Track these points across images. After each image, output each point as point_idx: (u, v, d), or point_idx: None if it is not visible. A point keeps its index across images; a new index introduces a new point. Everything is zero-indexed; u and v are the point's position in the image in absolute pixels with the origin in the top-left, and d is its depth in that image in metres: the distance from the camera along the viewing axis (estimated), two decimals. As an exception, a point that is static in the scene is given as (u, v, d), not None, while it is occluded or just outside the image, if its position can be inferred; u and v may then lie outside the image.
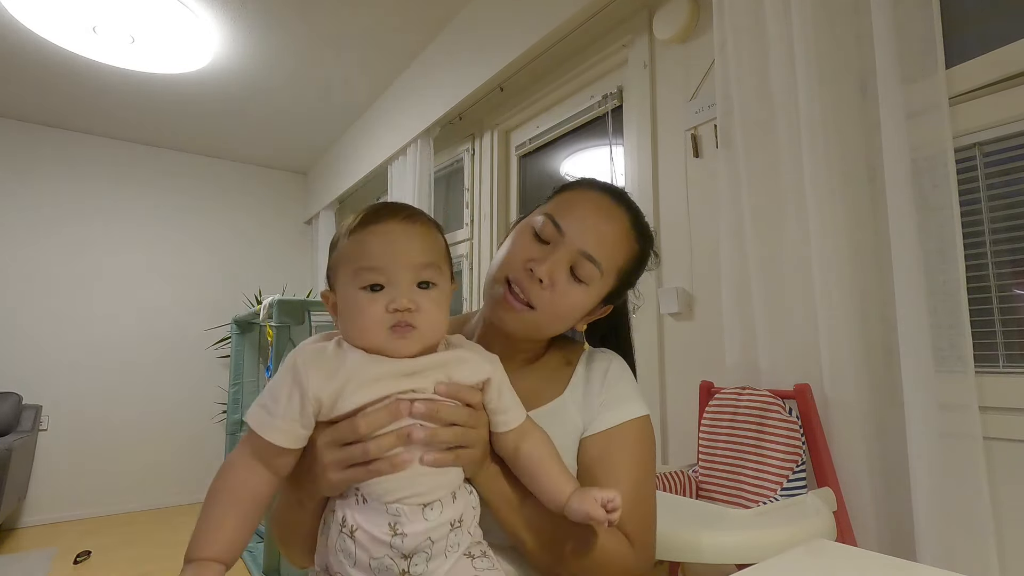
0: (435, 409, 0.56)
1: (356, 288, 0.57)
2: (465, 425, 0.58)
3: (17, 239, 3.51)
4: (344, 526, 0.54)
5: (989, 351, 1.09)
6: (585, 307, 0.71)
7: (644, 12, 1.83)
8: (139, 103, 3.31)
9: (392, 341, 0.56)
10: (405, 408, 0.55)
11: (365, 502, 0.55)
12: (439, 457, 0.56)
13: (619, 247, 0.72)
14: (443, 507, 0.56)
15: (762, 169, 1.30)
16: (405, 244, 0.58)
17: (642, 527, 0.67)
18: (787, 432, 1.13)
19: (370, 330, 0.56)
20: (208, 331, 3.99)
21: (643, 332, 1.75)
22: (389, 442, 0.54)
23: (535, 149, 2.47)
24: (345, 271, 0.58)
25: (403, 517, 0.53)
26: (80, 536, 3.18)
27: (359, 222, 0.59)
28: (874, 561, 0.60)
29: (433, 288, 0.59)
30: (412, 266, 0.57)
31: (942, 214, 1.04)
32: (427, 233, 0.60)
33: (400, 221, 0.59)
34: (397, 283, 0.57)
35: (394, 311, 0.55)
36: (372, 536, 0.53)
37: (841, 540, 1.05)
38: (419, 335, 0.57)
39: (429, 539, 0.54)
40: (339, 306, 0.59)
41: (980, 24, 1.14)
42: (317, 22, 2.53)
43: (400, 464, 0.54)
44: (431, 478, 0.56)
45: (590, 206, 0.72)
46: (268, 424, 0.53)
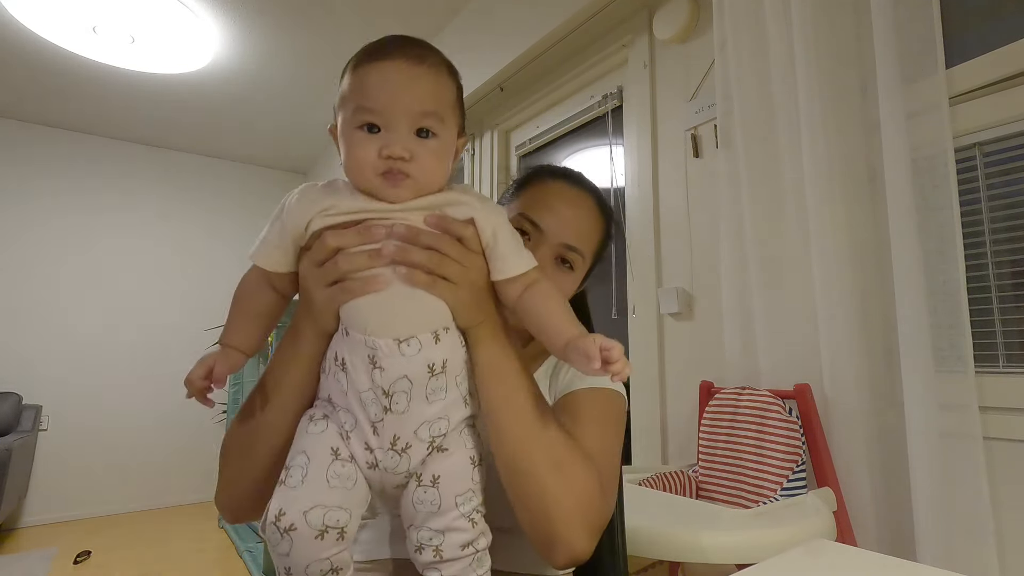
0: (415, 232, 0.54)
1: (353, 127, 0.54)
2: (449, 256, 0.55)
3: (17, 239, 3.51)
4: (336, 359, 0.56)
5: (989, 351, 1.09)
6: (572, 290, 0.76)
7: (644, 12, 1.83)
8: (139, 103, 3.31)
9: (383, 187, 0.54)
10: (378, 230, 0.53)
11: (347, 335, 0.55)
12: (413, 274, 0.53)
13: (592, 231, 0.76)
14: (421, 346, 0.54)
15: (762, 169, 1.30)
16: (407, 86, 0.53)
17: (609, 474, 0.64)
18: (787, 432, 1.13)
19: (362, 172, 0.54)
20: (208, 331, 3.99)
21: (643, 332, 1.75)
22: (361, 260, 0.53)
23: (535, 149, 2.47)
24: (345, 107, 0.55)
25: (379, 351, 0.53)
26: (80, 536, 3.18)
27: (364, 55, 0.55)
28: (874, 561, 0.60)
29: (433, 138, 0.55)
30: (411, 112, 0.53)
31: (942, 214, 1.04)
32: (435, 78, 0.56)
33: (406, 60, 0.54)
34: (394, 128, 0.53)
35: (387, 157, 0.52)
36: (356, 368, 0.54)
37: (841, 540, 1.05)
38: (412, 183, 0.54)
39: (407, 378, 0.54)
40: (339, 143, 0.57)
41: (980, 24, 1.14)
42: (317, 22, 2.53)
43: (372, 283, 0.53)
44: (410, 307, 0.54)
45: (559, 197, 0.75)
46: (256, 250, 0.58)
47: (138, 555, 2.90)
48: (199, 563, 2.79)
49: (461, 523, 0.55)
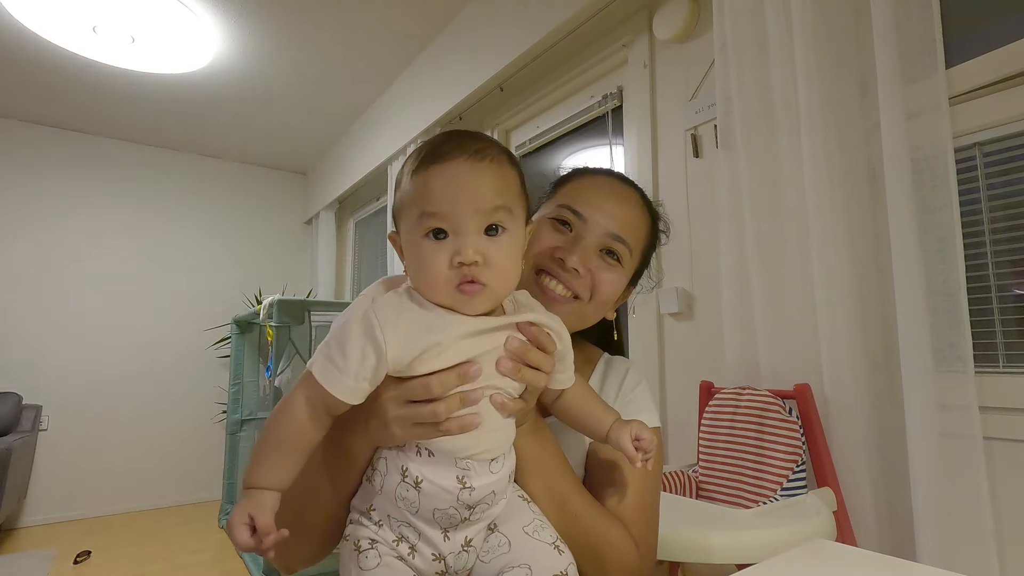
0: (527, 349, 0.55)
1: (419, 235, 0.53)
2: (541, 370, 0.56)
3: (17, 238, 3.51)
4: (407, 476, 0.53)
5: (989, 351, 1.09)
6: (620, 289, 0.72)
7: (644, 12, 1.83)
8: (139, 103, 3.31)
9: (460, 301, 0.53)
10: (476, 371, 0.53)
11: (432, 455, 0.54)
12: (507, 403, 0.55)
13: (640, 226, 0.73)
14: (505, 459, 0.56)
15: (762, 169, 1.30)
16: (471, 186, 0.52)
17: (646, 531, 0.67)
18: (787, 432, 1.13)
19: (437, 288, 0.52)
20: (208, 331, 3.99)
21: (643, 332, 1.75)
22: (455, 404, 0.52)
23: (535, 149, 2.47)
24: (409, 214, 0.54)
25: (472, 471, 0.53)
26: (80, 536, 3.18)
27: (422, 159, 0.54)
28: (874, 561, 0.60)
29: (503, 234, 0.53)
30: (479, 211, 0.52)
31: (942, 214, 1.04)
32: (498, 171, 0.54)
33: (467, 159, 0.53)
34: (462, 231, 0.52)
35: (459, 264, 0.51)
36: (441, 487, 0.52)
37: (841, 540, 1.05)
38: (488, 293, 0.53)
39: (493, 492, 0.55)
40: (404, 251, 0.56)
41: (980, 24, 1.14)
42: (317, 22, 2.53)
43: (469, 425, 0.53)
44: (497, 435, 0.56)
45: (603, 190, 0.72)
46: (336, 380, 0.51)
47: (138, 555, 2.90)
48: (199, 563, 2.79)
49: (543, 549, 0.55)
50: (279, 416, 0.53)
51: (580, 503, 0.63)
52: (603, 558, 0.62)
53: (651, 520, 0.69)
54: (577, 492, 0.63)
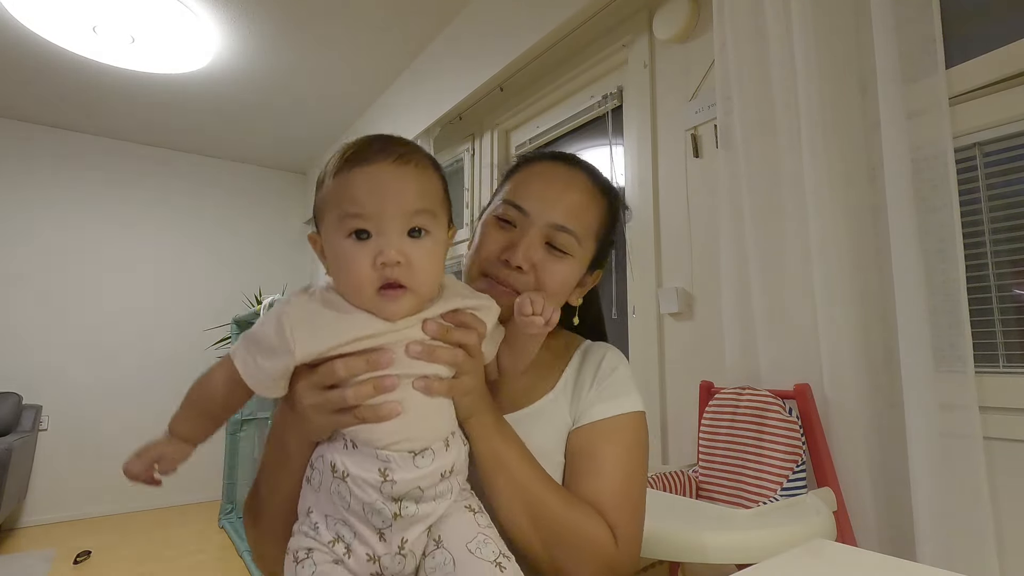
0: (446, 329, 0.55)
1: (342, 235, 0.53)
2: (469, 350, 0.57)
3: (17, 238, 3.51)
4: (336, 470, 0.53)
5: (989, 351, 1.08)
6: (572, 280, 0.71)
7: (644, 12, 1.83)
8: (139, 103, 3.31)
9: (381, 304, 0.53)
10: (387, 359, 0.52)
11: (355, 447, 0.53)
12: (431, 383, 0.54)
13: (588, 210, 0.70)
14: (435, 455, 0.54)
15: (762, 169, 1.30)
16: (395, 188, 0.52)
17: (628, 520, 0.65)
18: (787, 432, 1.12)
19: (359, 290, 0.52)
20: (208, 331, 3.99)
21: (643, 332, 1.75)
22: (367, 391, 0.52)
23: (535, 149, 2.47)
24: (331, 215, 0.54)
25: (393, 463, 0.52)
26: (80, 536, 3.18)
27: (346, 160, 0.54)
28: (874, 561, 0.60)
29: (426, 236, 0.54)
30: (402, 213, 0.52)
31: (942, 214, 1.04)
32: (421, 175, 0.55)
33: (392, 162, 0.53)
34: (385, 232, 0.52)
35: (382, 265, 0.51)
36: (364, 480, 0.52)
37: (841, 540, 1.05)
38: (409, 297, 0.53)
39: (419, 487, 0.53)
40: (326, 252, 0.56)
41: (980, 24, 1.14)
42: (317, 22, 2.53)
43: (386, 412, 0.52)
44: (425, 418, 0.54)
45: (545, 178, 0.71)
46: (251, 373, 0.54)
47: (138, 555, 2.90)
48: (199, 563, 2.79)
49: (484, 568, 0.53)
50: (202, 384, 0.58)
51: (548, 497, 0.61)
52: (577, 549, 0.61)
53: (633, 507, 0.66)
54: (544, 486, 0.62)
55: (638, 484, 0.68)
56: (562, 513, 0.61)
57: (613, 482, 0.65)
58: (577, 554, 0.60)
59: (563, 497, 0.62)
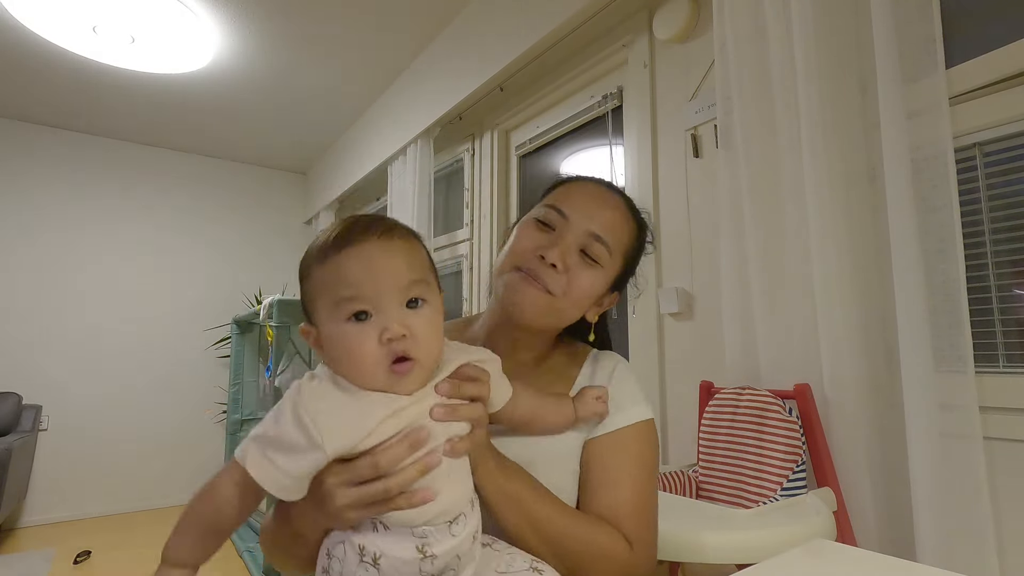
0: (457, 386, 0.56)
1: (341, 321, 0.52)
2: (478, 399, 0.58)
3: (17, 238, 3.51)
4: (364, 555, 0.51)
5: (989, 351, 1.08)
6: (597, 290, 0.73)
7: (644, 12, 1.83)
8: (139, 103, 3.31)
9: (394, 381, 0.52)
10: (426, 435, 0.52)
11: (387, 529, 0.52)
12: (456, 445, 0.54)
13: (622, 229, 0.74)
14: (466, 519, 0.54)
15: (762, 169, 1.30)
16: (387, 264, 0.53)
17: (643, 529, 0.67)
18: (787, 432, 1.12)
19: (369, 371, 0.51)
20: (208, 331, 3.99)
21: (643, 332, 1.75)
22: (411, 475, 0.50)
23: (535, 149, 2.47)
24: (324, 302, 0.53)
25: (431, 538, 0.51)
26: (80, 536, 3.18)
27: (332, 245, 0.53)
28: (874, 561, 0.60)
29: (424, 306, 0.54)
30: (399, 286, 0.53)
31: (942, 214, 1.04)
32: (409, 247, 0.56)
33: (378, 239, 0.53)
34: (385, 308, 0.52)
35: (388, 341, 0.51)
36: (401, 560, 0.50)
37: (841, 540, 1.05)
38: (418, 369, 0.53)
39: (457, 556, 0.52)
40: (324, 342, 0.54)
41: (980, 24, 1.13)
42: (317, 22, 2.53)
43: (420, 500, 0.51)
44: (453, 494, 0.54)
45: (588, 194, 0.74)
46: (270, 477, 0.49)
47: (138, 555, 2.89)
48: (199, 563, 2.79)
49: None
50: (206, 497, 0.53)
51: (559, 522, 0.62)
52: (595, 564, 0.62)
53: (647, 517, 0.68)
54: (553, 511, 0.63)
55: (651, 493, 0.70)
56: (576, 532, 0.62)
57: (628, 493, 0.67)
58: (596, 568, 0.62)
59: (574, 516, 0.64)
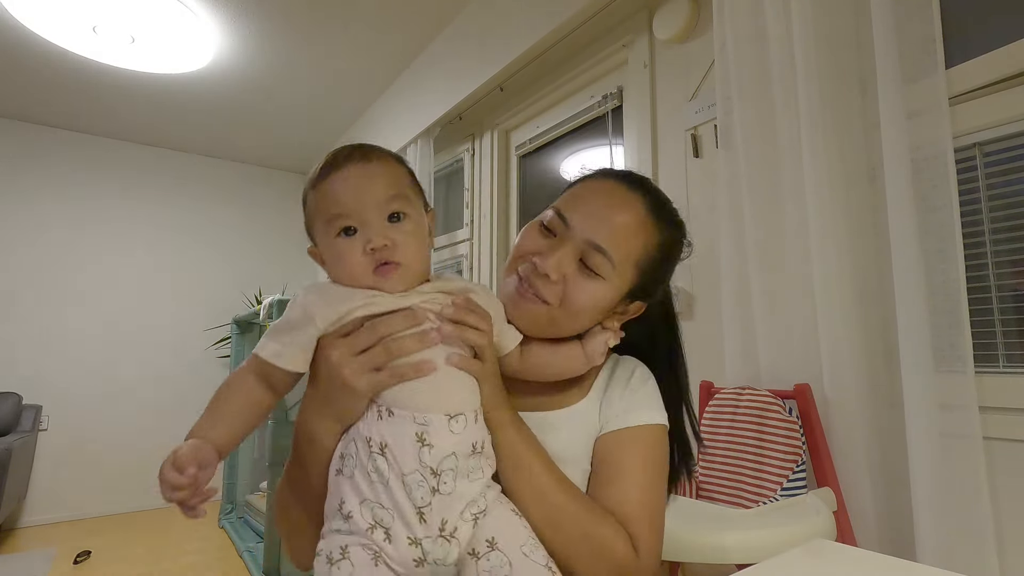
0: (464, 311, 0.59)
1: (332, 237, 0.59)
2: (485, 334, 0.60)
3: (17, 238, 3.51)
4: (372, 444, 0.54)
5: (989, 351, 1.08)
6: (601, 303, 0.67)
7: (644, 12, 1.83)
8: (139, 103, 3.31)
9: (379, 281, 0.58)
10: (422, 314, 0.57)
11: (391, 415, 0.55)
12: (464, 359, 0.58)
13: (633, 237, 0.67)
14: (467, 423, 0.57)
15: (762, 169, 1.30)
16: (367, 182, 0.59)
17: (647, 530, 0.65)
18: (787, 432, 1.13)
19: (356, 275, 0.58)
20: (208, 331, 3.99)
21: (643, 332, 1.75)
22: (411, 344, 0.56)
23: (535, 149, 2.47)
24: (319, 223, 0.60)
25: (431, 427, 0.54)
26: (80, 536, 3.18)
27: (320, 172, 0.61)
28: (874, 561, 0.60)
29: (406, 219, 0.60)
30: (378, 202, 0.58)
31: (942, 214, 1.04)
32: (386, 167, 0.61)
33: (357, 162, 0.60)
34: (368, 222, 0.58)
35: (371, 251, 0.57)
36: (402, 448, 0.54)
37: (841, 540, 1.05)
38: (403, 270, 0.59)
39: (454, 454, 0.55)
40: (325, 259, 0.61)
41: (980, 24, 1.14)
42: (317, 22, 2.53)
43: (425, 367, 0.56)
44: (456, 385, 0.58)
45: (600, 196, 0.68)
46: (276, 352, 0.56)
47: (138, 555, 2.90)
48: (199, 563, 2.79)
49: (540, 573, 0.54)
50: (230, 382, 0.58)
51: (569, 503, 0.62)
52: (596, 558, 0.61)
53: (652, 518, 0.67)
54: (560, 487, 0.63)
55: (659, 495, 0.68)
56: (583, 519, 0.61)
57: (635, 492, 0.65)
58: (595, 562, 0.61)
59: (584, 503, 0.63)
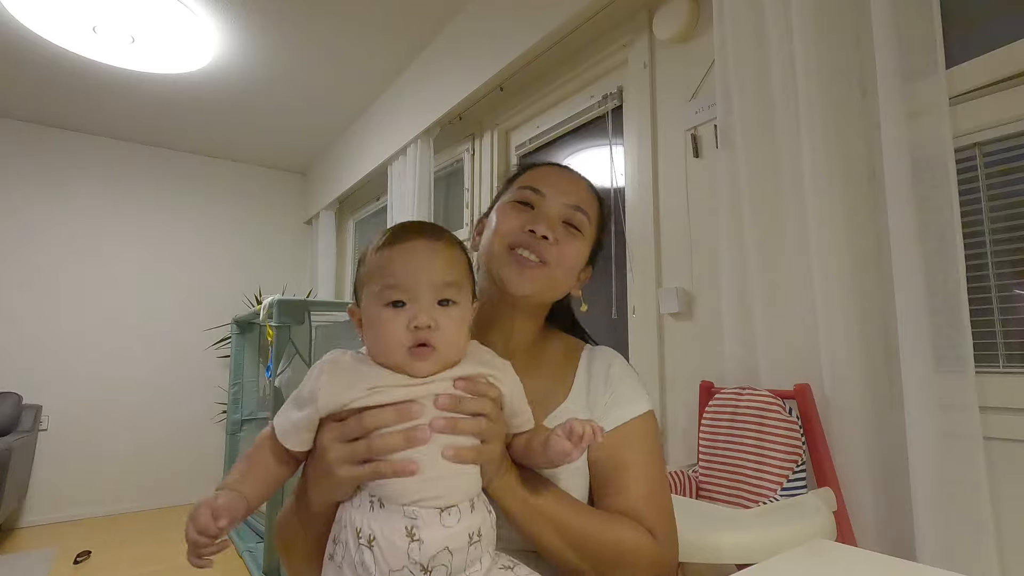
0: (458, 400, 0.57)
1: (380, 305, 0.58)
2: (488, 417, 0.58)
3: (17, 238, 3.51)
4: (360, 536, 0.52)
5: (989, 351, 1.08)
6: (581, 260, 0.76)
7: (644, 12, 1.83)
8: (139, 103, 3.31)
9: (411, 361, 0.57)
10: (417, 409, 0.55)
11: (381, 506, 0.53)
12: (461, 451, 0.56)
13: (593, 202, 0.78)
14: (461, 514, 0.54)
15: (762, 169, 1.30)
16: (428, 261, 0.59)
17: (662, 519, 0.68)
18: (787, 432, 1.13)
19: (391, 348, 0.57)
20: (208, 331, 3.99)
21: (643, 332, 1.75)
22: (395, 441, 0.54)
23: (535, 149, 2.46)
24: (370, 288, 0.60)
25: (420, 520, 0.52)
26: (80, 536, 3.18)
27: (386, 240, 0.61)
28: (874, 561, 0.60)
29: (453, 306, 0.59)
30: (434, 284, 0.58)
31: (942, 214, 1.04)
32: (450, 251, 0.62)
33: (425, 239, 0.61)
34: (418, 300, 0.58)
35: (414, 328, 0.56)
36: (390, 542, 0.51)
37: (841, 540, 1.05)
38: (437, 355, 0.58)
39: (447, 549, 0.52)
40: (364, 322, 0.61)
41: (980, 24, 1.14)
42: (317, 22, 2.53)
43: (404, 467, 0.53)
44: (448, 481, 0.55)
45: (555, 173, 0.78)
46: (282, 426, 0.58)
47: (138, 555, 2.90)
48: (199, 563, 2.79)
49: None
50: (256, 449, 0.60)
51: (585, 525, 0.63)
52: (625, 563, 0.63)
53: (663, 506, 0.70)
54: (577, 517, 0.64)
55: (663, 482, 0.72)
56: (603, 535, 0.63)
57: (643, 487, 0.68)
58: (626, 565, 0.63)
59: (599, 518, 0.65)
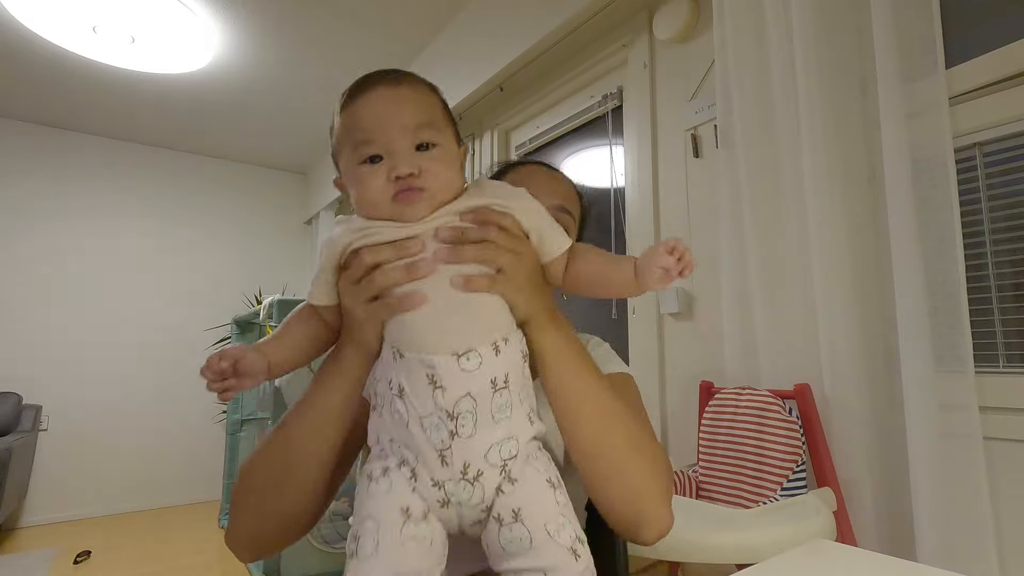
0: (460, 231, 0.53)
1: (356, 164, 0.54)
2: (501, 245, 0.54)
3: (16, 238, 3.51)
4: (392, 386, 0.53)
5: (989, 351, 1.09)
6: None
7: (644, 12, 1.83)
8: (139, 103, 3.31)
9: (399, 209, 0.53)
10: (416, 244, 0.52)
11: (401, 357, 0.52)
12: (472, 279, 0.52)
13: (575, 201, 0.79)
14: (482, 359, 0.51)
15: (762, 169, 1.30)
16: (395, 105, 0.54)
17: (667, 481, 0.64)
18: (787, 432, 1.13)
19: (377, 202, 0.53)
20: (208, 331, 3.99)
21: (643, 332, 1.75)
22: (398, 275, 0.52)
23: (535, 149, 2.47)
24: (345, 150, 0.55)
25: (438, 368, 0.50)
26: (80, 536, 3.18)
27: (347, 96, 0.57)
28: (874, 561, 0.60)
29: (435, 148, 0.54)
30: (406, 128, 0.53)
31: (942, 214, 1.04)
32: (417, 92, 0.57)
33: (387, 85, 0.56)
34: (395, 150, 0.53)
35: (395, 179, 0.52)
36: (416, 391, 0.51)
37: (841, 540, 1.05)
38: (428, 196, 0.53)
39: (469, 395, 0.51)
40: (348, 187, 0.57)
41: (980, 24, 1.14)
42: (317, 22, 2.53)
43: (409, 300, 0.51)
44: (464, 318, 0.52)
45: (540, 174, 0.78)
46: (312, 292, 0.59)
47: (138, 555, 2.89)
48: (199, 563, 2.79)
49: (562, 557, 0.50)
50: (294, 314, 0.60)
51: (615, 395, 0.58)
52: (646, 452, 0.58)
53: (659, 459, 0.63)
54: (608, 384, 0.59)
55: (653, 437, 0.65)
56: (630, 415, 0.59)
57: None
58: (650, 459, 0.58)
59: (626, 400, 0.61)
